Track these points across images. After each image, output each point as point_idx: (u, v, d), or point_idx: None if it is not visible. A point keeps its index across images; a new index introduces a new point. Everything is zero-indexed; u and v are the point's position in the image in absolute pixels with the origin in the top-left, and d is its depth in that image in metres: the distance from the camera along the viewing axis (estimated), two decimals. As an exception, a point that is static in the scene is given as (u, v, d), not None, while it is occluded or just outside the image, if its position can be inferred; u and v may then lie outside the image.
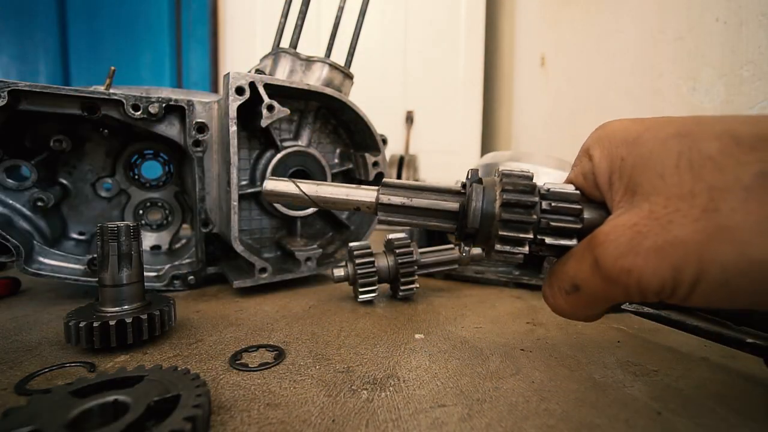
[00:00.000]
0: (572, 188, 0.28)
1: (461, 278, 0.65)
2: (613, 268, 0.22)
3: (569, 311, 0.28)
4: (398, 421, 0.27)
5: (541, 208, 0.28)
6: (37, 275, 0.50)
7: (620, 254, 0.22)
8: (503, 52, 1.88)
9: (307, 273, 0.61)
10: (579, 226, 0.27)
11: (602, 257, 0.23)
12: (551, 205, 0.27)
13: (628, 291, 0.22)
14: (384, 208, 0.31)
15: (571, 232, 0.27)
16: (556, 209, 0.27)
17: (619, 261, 0.22)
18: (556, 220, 0.27)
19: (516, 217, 0.27)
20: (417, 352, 0.38)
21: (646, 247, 0.21)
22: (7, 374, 0.33)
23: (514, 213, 0.27)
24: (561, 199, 0.28)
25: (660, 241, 0.21)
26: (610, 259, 0.22)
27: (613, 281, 0.23)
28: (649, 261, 0.21)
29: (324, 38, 0.68)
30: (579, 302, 0.26)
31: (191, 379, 0.27)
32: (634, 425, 0.27)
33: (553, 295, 0.28)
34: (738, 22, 0.80)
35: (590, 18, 1.29)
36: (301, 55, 0.62)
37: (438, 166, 1.65)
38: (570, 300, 0.27)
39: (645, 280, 0.21)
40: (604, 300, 0.25)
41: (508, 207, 0.27)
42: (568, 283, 0.26)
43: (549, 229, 0.27)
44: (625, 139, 0.25)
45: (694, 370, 0.35)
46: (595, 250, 0.24)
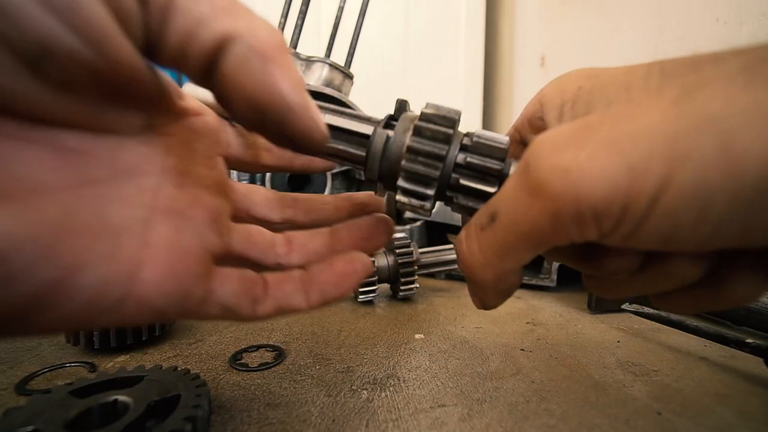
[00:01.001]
0: (504, 141, 0.23)
1: (461, 278, 0.65)
2: (542, 168, 0.15)
3: (480, 261, 0.20)
4: (398, 421, 0.27)
5: (456, 161, 0.23)
6: (37, 275, 0.50)
7: (555, 148, 0.15)
8: (503, 51, 1.88)
9: (307, 273, 0.61)
10: (494, 189, 0.22)
11: (531, 156, 0.16)
12: (466, 160, 0.23)
13: (558, 208, 0.15)
14: None
15: (483, 194, 0.23)
16: (471, 165, 0.23)
17: (552, 157, 0.15)
18: (468, 178, 0.23)
19: (417, 169, 0.22)
20: (417, 352, 0.38)
21: (596, 139, 0.15)
22: (7, 374, 0.33)
23: (416, 163, 0.23)
24: (482, 153, 0.23)
25: (616, 132, 0.15)
26: (541, 156, 0.16)
27: (541, 189, 0.15)
28: (597, 156, 0.14)
29: (324, 38, 0.68)
30: (493, 241, 0.19)
31: (191, 379, 0.27)
32: (634, 425, 0.27)
33: (467, 236, 0.21)
34: (738, 22, 0.80)
35: (590, 18, 1.29)
36: (301, 55, 0.62)
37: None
38: (483, 238, 0.19)
39: (586, 186, 0.14)
40: (524, 234, 0.17)
41: (412, 154, 0.23)
42: (484, 213, 0.20)
43: (458, 187, 0.23)
44: (587, 73, 0.22)
45: (694, 370, 0.35)
46: (525, 155, 0.17)
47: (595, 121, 0.16)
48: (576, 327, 0.45)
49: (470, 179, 0.23)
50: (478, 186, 0.23)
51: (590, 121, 0.16)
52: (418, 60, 1.83)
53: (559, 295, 0.57)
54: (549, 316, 0.49)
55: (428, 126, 0.23)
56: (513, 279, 0.21)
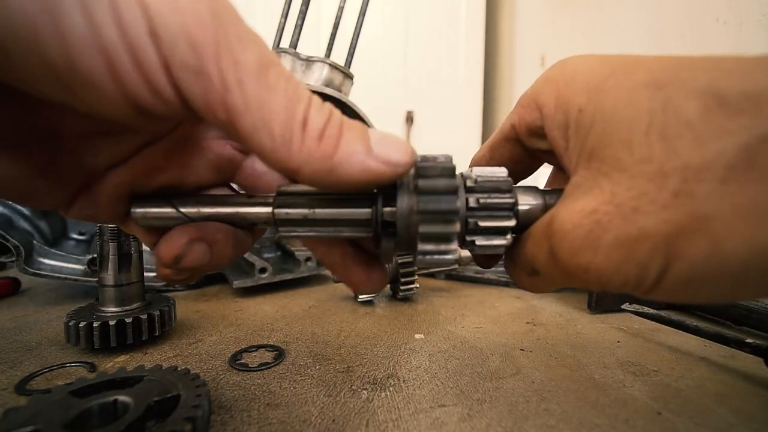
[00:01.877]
0: (504, 173, 0.24)
1: (461, 278, 0.65)
2: (570, 264, 0.19)
3: (534, 289, 0.25)
4: (398, 421, 0.27)
5: (468, 206, 0.23)
6: (37, 275, 0.50)
7: (577, 250, 0.19)
8: (503, 52, 1.88)
9: (307, 273, 0.61)
10: (513, 223, 0.23)
11: (558, 251, 0.20)
12: (479, 201, 0.23)
13: (587, 284, 0.20)
14: (284, 224, 0.25)
15: (504, 229, 0.23)
16: (486, 205, 0.23)
17: (575, 258, 0.19)
18: (486, 218, 0.23)
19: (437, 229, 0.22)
20: (417, 352, 0.38)
21: (607, 242, 0.18)
22: (7, 374, 0.33)
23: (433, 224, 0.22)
24: (490, 190, 0.23)
25: (623, 235, 0.18)
26: (567, 254, 0.19)
27: (571, 275, 0.20)
28: (610, 258, 0.18)
29: (324, 38, 0.68)
30: (541, 283, 0.24)
31: (191, 379, 0.27)
32: (634, 425, 0.27)
33: (518, 274, 0.25)
34: (738, 22, 0.80)
35: (590, 18, 1.29)
36: (301, 55, 0.62)
37: (438, 166, 1.65)
38: (532, 281, 0.24)
39: (605, 278, 0.19)
40: (565, 284, 0.22)
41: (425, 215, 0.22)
42: (528, 266, 0.23)
43: (479, 230, 0.23)
44: (587, 84, 0.21)
45: (694, 370, 0.35)
46: (551, 240, 0.20)
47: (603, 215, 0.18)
48: (576, 327, 0.45)
49: (489, 219, 0.23)
50: (499, 224, 0.23)
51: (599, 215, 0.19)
52: (418, 60, 1.83)
53: (559, 295, 0.57)
54: (549, 316, 0.49)
55: (432, 183, 0.22)
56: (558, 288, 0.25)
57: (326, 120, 0.17)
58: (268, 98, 0.16)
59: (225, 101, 0.16)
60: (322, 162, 0.17)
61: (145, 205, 0.25)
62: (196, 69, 0.15)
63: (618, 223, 0.18)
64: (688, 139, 0.17)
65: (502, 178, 0.23)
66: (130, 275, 0.39)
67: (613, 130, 0.19)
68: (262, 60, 0.16)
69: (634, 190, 0.18)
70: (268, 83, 0.16)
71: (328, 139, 0.17)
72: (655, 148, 0.17)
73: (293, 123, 0.17)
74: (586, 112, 0.20)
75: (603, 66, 0.21)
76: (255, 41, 0.17)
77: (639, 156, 0.18)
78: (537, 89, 0.24)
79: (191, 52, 0.15)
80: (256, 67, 0.16)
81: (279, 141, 0.16)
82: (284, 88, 0.17)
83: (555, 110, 0.22)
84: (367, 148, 0.18)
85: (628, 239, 0.18)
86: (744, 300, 0.19)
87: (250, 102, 0.16)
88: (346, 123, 0.18)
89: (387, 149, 0.19)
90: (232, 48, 0.16)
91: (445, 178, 0.22)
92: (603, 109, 0.19)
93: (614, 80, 0.20)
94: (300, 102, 0.17)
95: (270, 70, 0.16)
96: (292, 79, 0.17)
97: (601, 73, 0.20)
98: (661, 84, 0.18)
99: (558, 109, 0.22)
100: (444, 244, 0.22)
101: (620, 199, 0.18)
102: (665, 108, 0.17)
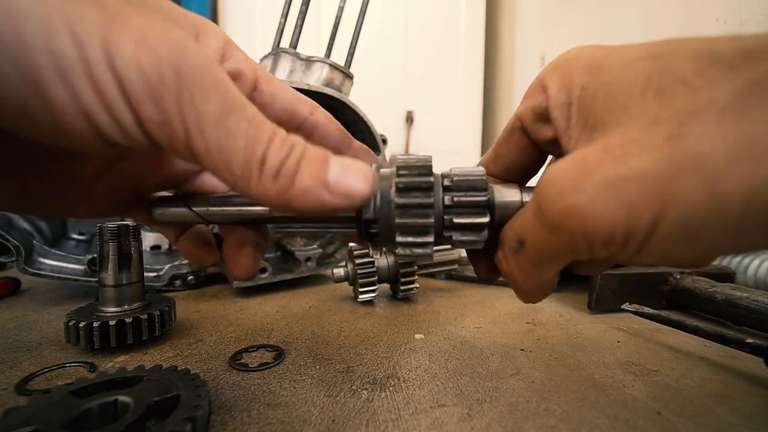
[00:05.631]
0: (480, 171, 0.25)
1: (461, 278, 0.65)
2: (553, 210, 0.18)
3: (520, 276, 0.24)
4: (398, 421, 0.27)
5: (444, 203, 0.25)
6: (37, 275, 0.50)
7: (561, 192, 0.18)
8: (503, 52, 1.88)
9: (307, 273, 0.61)
10: (486, 219, 0.24)
11: (542, 199, 0.19)
12: (453, 200, 0.24)
13: (573, 240, 0.19)
14: (279, 220, 0.28)
15: (479, 226, 0.24)
16: (460, 203, 0.24)
17: (560, 200, 0.18)
18: (460, 215, 0.24)
19: (413, 222, 0.24)
20: (417, 352, 0.38)
21: (594, 182, 0.17)
22: (7, 374, 0.33)
23: (409, 216, 0.24)
24: (465, 189, 0.25)
25: (611, 174, 0.17)
26: (551, 199, 0.19)
27: (555, 227, 0.19)
28: (597, 199, 0.17)
29: (324, 38, 0.68)
30: (526, 261, 0.23)
31: (191, 379, 0.27)
32: (634, 425, 0.27)
33: (505, 257, 0.24)
34: (738, 22, 0.80)
35: (590, 18, 1.29)
36: (301, 55, 0.62)
37: (438, 166, 1.65)
38: (518, 260, 0.23)
39: (591, 224, 0.17)
40: (550, 256, 0.21)
41: (402, 209, 0.24)
42: (514, 239, 0.23)
43: (454, 226, 0.25)
44: (588, 64, 0.21)
45: (694, 370, 0.35)
46: (537, 196, 0.20)
47: (592, 160, 0.18)
48: (576, 327, 0.45)
49: (463, 216, 0.24)
50: (472, 220, 0.24)
51: (588, 160, 0.18)
52: (418, 60, 1.83)
53: (559, 295, 0.57)
54: (549, 316, 0.49)
55: (409, 180, 0.24)
56: (550, 281, 0.25)
57: (284, 157, 0.18)
58: (228, 143, 0.18)
59: (188, 147, 0.18)
60: (278, 197, 0.18)
61: (163, 207, 0.29)
62: (161, 122, 0.17)
63: (607, 165, 0.17)
64: (683, 93, 0.17)
65: (478, 177, 0.25)
66: (130, 275, 0.39)
67: (612, 99, 0.19)
68: (224, 108, 0.18)
69: (627, 138, 0.18)
70: (229, 129, 0.18)
71: (283, 176, 0.18)
72: (650, 103, 0.18)
73: (251, 163, 0.18)
74: (587, 88, 0.21)
75: (603, 49, 0.22)
76: (218, 89, 0.18)
77: (634, 113, 0.18)
78: (542, 75, 0.25)
79: (156, 109, 0.17)
80: (217, 116, 0.17)
81: (238, 178, 0.18)
82: (245, 132, 0.18)
83: (559, 90, 0.23)
84: (323, 183, 0.19)
85: (617, 178, 0.17)
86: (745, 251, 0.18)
87: (211, 147, 0.17)
88: (307, 157, 0.19)
89: (346, 181, 0.19)
90: (194, 101, 0.17)
91: (422, 176, 0.24)
92: (603, 82, 0.20)
93: (612, 58, 0.20)
94: (259, 143, 0.18)
95: (231, 117, 0.18)
96: (254, 121, 0.18)
97: (601, 54, 0.21)
98: (658, 54, 0.19)
99: (561, 89, 0.23)
100: (421, 236, 0.24)
101: (611, 145, 0.18)
102: (661, 71, 0.18)
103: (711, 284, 0.46)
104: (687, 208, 0.16)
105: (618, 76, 0.19)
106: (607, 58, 0.21)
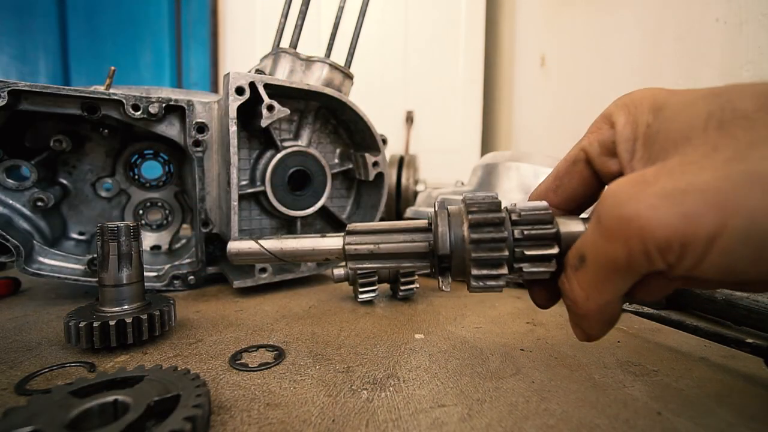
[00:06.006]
0: (545, 206, 0.27)
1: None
2: (611, 219, 0.20)
3: (581, 295, 0.24)
4: (398, 421, 0.27)
5: (514, 237, 0.26)
6: (37, 275, 0.50)
7: (619, 201, 0.19)
8: (503, 52, 1.88)
9: (307, 273, 0.61)
10: (556, 251, 0.26)
11: (602, 210, 0.20)
12: (524, 233, 0.26)
13: (629, 247, 0.19)
14: (352, 258, 0.29)
15: (549, 257, 0.26)
16: (530, 236, 0.26)
17: (618, 209, 0.19)
18: (531, 248, 0.26)
19: (488, 256, 0.26)
20: (417, 352, 0.38)
21: (651, 192, 0.18)
22: (7, 374, 0.33)
23: (484, 251, 0.26)
24: (533, 222, 0.26)
25: (669, 187, 0.18)
26: (609, 208, 0.20)
27: (613, 235, 0.20)
28: (654, 208, 0.18)
29: (324, 38, 0.68)
30: (586, 277, 0.23)
31: (191, 379, 0.27)
32: (634, 425, 0.27)
33: (567, 278, 0.25)
34: (738, 22, 0.80)
35: (590, 18, 1.29)
36: (301, 55, 0.62)
37: (438, 166, 1.65)
38: (579, 277, 0.23)
39: (648, 230, 0.18)
40: (610, 269, 0.21)
41: (477, 244, 0.26)
42: (575, 257, 0.24)
43: (525, 258, 0.26)
44: (653, 104, 0.23)
45: (694, 370, 0.35)
46: (596, 208, 0.21)
47: (651, 176, 0.19)
48: (576, 327, 0.45)
49: (533, 248, 0.26)
50: (543, 252, 0.26)
51: (646, 175, 0.19)
52: (418, 60, 1.83)
53: (559, 295, 0.57)
54: (549, 316, 0.49)
55: (481, 216, 0.26)
56: (613, 308, 0.24)
57: None
58: None
59: None
60: None
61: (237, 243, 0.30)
62: None
63: (665, 180, 0.18)
64: (743, 125, 0.18)
65: (543, 212, 0.26)
66: (130, 275, 0.39)
67: (675, 133, 0.21)
68: None
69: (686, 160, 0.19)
70: None
71: None
72: (710, 135, 0.19)
73: None
74: (652, 126, 0.22)
75: (666, 91, 0.23)
76: None
77: (696, 143, 0.19)
78: (608, 112, 0.26)
79: None
80: None
81: None
82: None
83: (624, 126, 0.24)
84: None
85: (674, 191, 0.18)
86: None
87: None
88: None
89: None
90: None
91: (492, 212, 0.26)
92: (666, 119, 0.22)
93: (675, 98, 0.22)
94: None
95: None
96: None
97: (665, 95, 0.23)
98: (719, 93, 0.20)
99: (627, 125, 0.24)
100: (495, 269, 0.26)
101: (670, 166, 0.19)
102: (722, 107, 0.19)
103: (711, 284, 0.46)
104: (750, 219, 0.16)
105: (681, 113, 0.21)
106: (670, 98, 0.22)
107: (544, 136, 1.52)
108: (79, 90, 0.49)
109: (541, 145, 1.53)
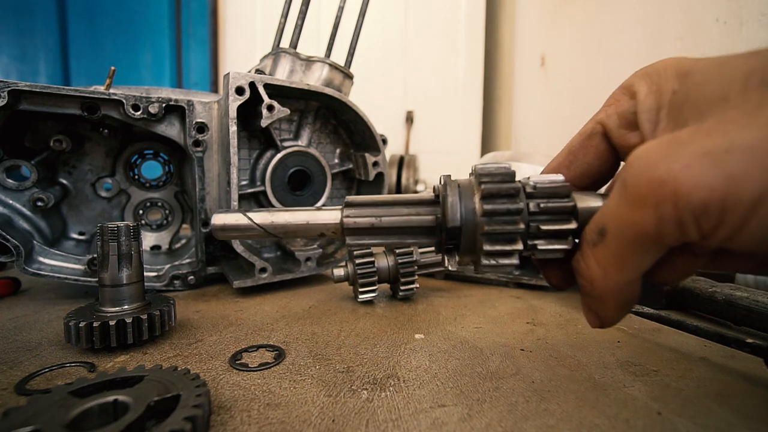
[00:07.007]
0: (562, 178, 0.24)
1: (461, 278, 0.65)
2: (641, 182, 0.17)
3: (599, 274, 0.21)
4: (398, 421, 0.27)
5: (529, 210, 0.24)
6: (37, 275, 0.50)
7: (650, 164, 0.17)
8: (503, 52, 1.88)
9: (307, 273, 0.61)
10: (574, 225, 0.23)
11: (629, 175, 0.18)
12: (540, 206, 0.24)
13: (660, 214, 0.17)
14: (351, 232, 0.26)
15: (566, 232, 0.24)
16: (546, 209, 0.24)
17: (649, 172, 0.17)
18: (547, 222, 0.23)
19: (502, 229, 0.23)
20: (417, 352, 0.38)
21: (689, 152, 0.16)
22: (7, 374, 0.33)
23: (498, 224, 0.23)
24: (550, 195, 0.24)
25: (709, 145, 0.16)
26: (638, 172, 0.17)
27: (642, 201, 0.17)
28: (692, 168, 0.16)
29: (324, 38, 0.68)
30: (607, 253, 0.21)
31: (191, 379, 0.27)
32: (634, 425, 0.27)
33: (583, 255, 0.22)
34: (738, 22, 0.80)
35: (590, 18, 1.29)
36: (301, 55, 0.62)
37: (438, 166, 1.65)
38: (597, 254, 0.21)
39: (684, 192, 0.16)
40: (634, 241, 0.19)
41: (490, 217, 0.23)
42: (594, 231, 0.21)
43: (540, 233, 0.24)
44: (678, 71, 0.21)
45: (694, 370, 0.35)
46: (620, 175, 0.19)
47: (686, 136, 0.17)
48: (576, 327, 0.45)
49: (549, 223, 0.23)
50: (560, 227, 0.23)
51: (680, 136, 0.17)
52: (418, 60, 1.83)
53: (559, 295, 0.57)
54: (549, 316, 0.49)
55: (494, 186, 0.23)
56: (632, 290, 0.22)
57: None
58: None
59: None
60: None
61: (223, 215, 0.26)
62: None
63: (703, 139, 0.16)
64: None
65: (560, 184, 0.24)
66: (130, 275, 0.39)
67: (708, 95, 0.19)
68: None
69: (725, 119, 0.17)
70: None
71: None
72: (752, 92, 0.17)
73: None
74: (678, 92, 0.21)
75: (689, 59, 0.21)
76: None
77: (735, 102, 0.17)
78: (628, 82, 0.25)
79: None
80: None
81: None
82: None
83: (647, 95, 0.23)
84: None
85: (716, 149, 0.15)
86: None
87: None
88: None
89: None
90: None
91: (506, 182, 0.23)
92: (695, 83, 0.20)
93: (702, 63, 0.20)
94: None
95: None
96: None
97: (689, 62, 0.21)
98: (758, 52, 0.18)
99: (650, 95, 0.22)
100: (509, 244, 0.23)
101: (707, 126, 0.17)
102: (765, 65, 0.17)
103: (711, 284, 0.46)
104: None
105: (713, 75, 0.19)
106: (696, 64, 0.21)
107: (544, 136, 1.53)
108: (79, 90, 0.49)
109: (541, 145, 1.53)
